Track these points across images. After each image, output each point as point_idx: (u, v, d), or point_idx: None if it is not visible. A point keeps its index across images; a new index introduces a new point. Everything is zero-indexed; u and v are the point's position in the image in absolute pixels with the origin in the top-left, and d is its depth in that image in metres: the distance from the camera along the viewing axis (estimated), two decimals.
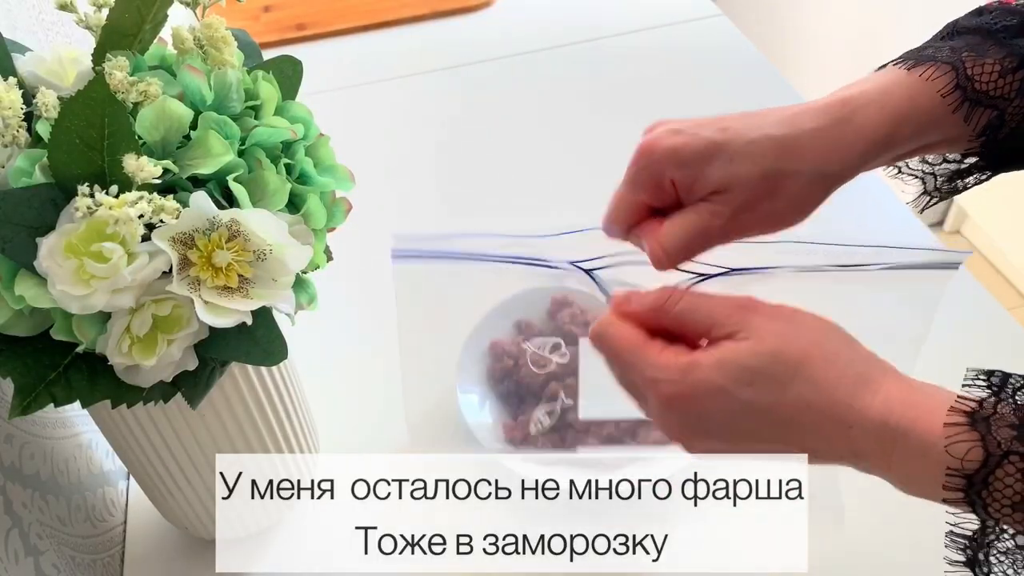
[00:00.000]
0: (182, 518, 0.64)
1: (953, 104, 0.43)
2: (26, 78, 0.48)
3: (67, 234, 0.42)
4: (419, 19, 1.30)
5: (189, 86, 0.48)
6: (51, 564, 0.58)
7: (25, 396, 0.44)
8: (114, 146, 0.42)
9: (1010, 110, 0.43)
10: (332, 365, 0.80)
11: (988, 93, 0.43)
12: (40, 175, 0.43)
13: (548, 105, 1.09)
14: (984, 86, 0.43)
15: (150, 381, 0.45)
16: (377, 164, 1.00)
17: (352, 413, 0.77)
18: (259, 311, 0.46)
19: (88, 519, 0.65)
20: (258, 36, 1.22)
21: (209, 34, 0.49)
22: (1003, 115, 0.43)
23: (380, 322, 0.85)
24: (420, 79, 1.19)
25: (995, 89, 0.43)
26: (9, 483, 0.55)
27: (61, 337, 0.44)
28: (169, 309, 0.45)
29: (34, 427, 0.60)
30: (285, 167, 0.50)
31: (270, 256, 0.45)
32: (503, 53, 1.22)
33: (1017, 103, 0.43)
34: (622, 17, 1.26)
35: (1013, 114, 0.43)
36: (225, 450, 0.58)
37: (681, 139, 0.44)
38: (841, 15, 2.02)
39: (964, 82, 0.43)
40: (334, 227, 0.54)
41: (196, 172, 0.46)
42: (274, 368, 0.58)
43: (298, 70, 0.55)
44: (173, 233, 0.43)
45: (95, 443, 0.71)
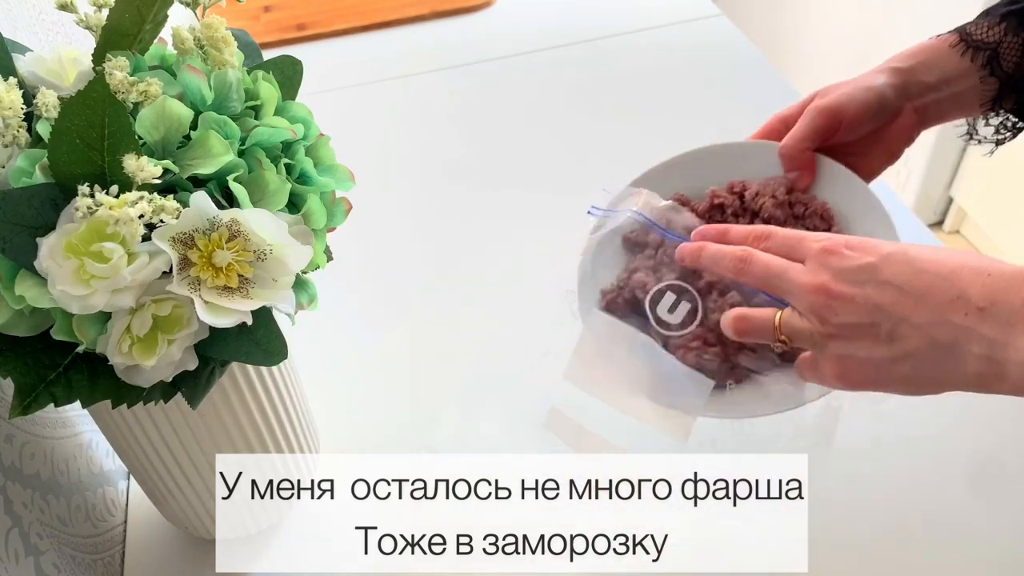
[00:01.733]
0: (182, 518, 0.64)
1: (960, 49, 0.60)
2: (26, 78, 0.48)
3: (67, 234, 0.42)
4: (419, 19, 1.30)
5: (189, 86, 0.48)
6: (51, 564, 0.58)
7: (26, 396, 0.44)
8: (114, 146, 0.42)
9: (1003, 48, 0.59)
10: (332, 365, 0.80)
11: (984, 39, 0.60)
12: (40, 175, 0.43)
13: (548, 105, 1.09)
14: (979, 36, 0.60)
15: (150, 381, 0.45)
16: (377, 164, 1.00)
17: (352, 413, 0.77)
18: (259, 311, 0.46)
19: (88, 519, 0.65)
20: (258, 36, 1.22)
21: (209, 34, 0.49)
22: (997, 51, 0.59)
23: (380, 322, 0.85)
24: (420, 79, 1.19)
25: (988, 36, 0.60)
26: (9, 483, 0.55)
27: (61, 337, 0.44)
28: (169, 309, 0.45)
29: (34, 427, 0.60)
30: (285, 167, 0.50)
31: (270, 256, 0.45)
32: (503, 53, 1.22)
33: (1007, 41, 0.59)
34: (622, 17, 1.26)
35: (1007, 50, 0.59)
36: (225, 450, 0.58)
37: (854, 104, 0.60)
38: (841, 15, 2.02)
39: (965, 36, 0.60)
40: (334, 227, 0.54)
41: (196, 172, 0.46)
42: (274, 368, 0.58)
43: (298, 70, 0.56)
44: (173, 233, 0.43)
45: (95, 443, 0.71)
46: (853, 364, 0.46)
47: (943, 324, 0.43)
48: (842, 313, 0.45)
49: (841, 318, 0.46)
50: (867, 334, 0.45)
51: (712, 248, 0.53)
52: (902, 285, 0.44)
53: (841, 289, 0.45)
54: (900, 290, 0.44)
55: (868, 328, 0.45)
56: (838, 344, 0.46)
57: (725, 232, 0.54)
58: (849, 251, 0.46)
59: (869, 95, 0.60)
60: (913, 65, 0.61)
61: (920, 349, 0.44)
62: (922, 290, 0.43)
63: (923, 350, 0.44)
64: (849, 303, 0.45)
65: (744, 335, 0.51)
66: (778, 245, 0.50)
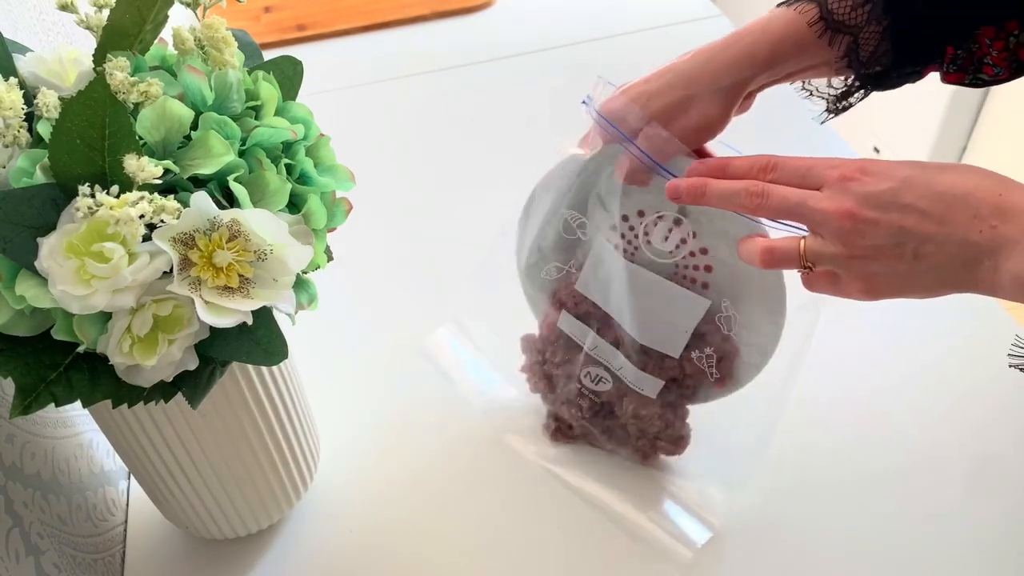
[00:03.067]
0: (183, 518, 0.64)
1: (818, 31, 0.55)
2: (27, 78, 0.48)
3: (68, 234, 0.42)
4: (419, 19, 1.30)
5: (190, 86, 0.48)
6: (52, 563, 0.58)
7: (26, 396, 0.44)
8: (115, 146, 0.42)
9: (863, 36, 0.55)
10: (332, 365, 0.80)
11: (844, 22, 0.54)
12: (41, 175, 0.44)
13: (548, 105, 1.09)
14: (841, 17, 0.54)
15: (151, 381, 0.46)
16: (377, 164, 1.00)
17: (352, 413, 0.77)
18: (259, 311, 0.46)
19: (89, 518, 0.65)
20: (259, 37, 1.22)
21: (210, 35, 0.49)
22: (858, 40, 0.55)
23: (380, 322, 0.85)
24: (420, 79, 1.19)
25: (850, 19, 0.54)
26: (10, 482, 0.55)
27: (62, 337, 0.44)
28: (170, 309, 0.45)
29: (35, 427, 0.60)
30: (286, 167, 0.50)
31: (270, 256, 0.45)
32: (503, 53, 1.22)
33: (868, 29, 0.54)
34: (622, 17, 1.26)
35: (867, 39, 0.55)
36: (225, 450, 0.58)
37: (618, 100, 0.59)
38: None
39: (826, 14, 0.54)
40: (334, 227, 0.54)
41: (197, 172, 0.46)
42: (274, 368, 0.59)
43: (298, 70, 0.56)
44: (174, 233, 0.43)
45: (96, 443, 0.71)
46: (879, 279, 0.49)
47: (963, 241, 0.45)
48: (869, 236, 0.47)
49: (868, 240, 0.47)
50: (892, 254, 0.47)
51: (719, 185, 0.53)
52: (925, 208, 0.46)
53: (866, 214, 0.47)
54: (923, 213, 0.46)
55: (893, 248, 0.47)
56: (863, 263, 0.48)
57: (725, 166, 0.54)
58: (866, 176, 0.47)
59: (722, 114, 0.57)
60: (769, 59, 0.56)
61: (942, 263, 0.46)
62: (943, 212, 0.46)
63: (944, 263, 0.46)
64: (875, 226, 0.47)
65: (772, 265, 0.53)
66: (788, 175, 0.51)
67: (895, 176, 0.47)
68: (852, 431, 0.73)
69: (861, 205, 0.47)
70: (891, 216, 0.46)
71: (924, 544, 0.66)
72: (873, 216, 0.47)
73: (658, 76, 0.58)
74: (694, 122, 0.57)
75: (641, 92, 0.58)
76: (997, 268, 0.44)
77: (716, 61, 0.56)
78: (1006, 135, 1.75)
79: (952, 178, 0.46)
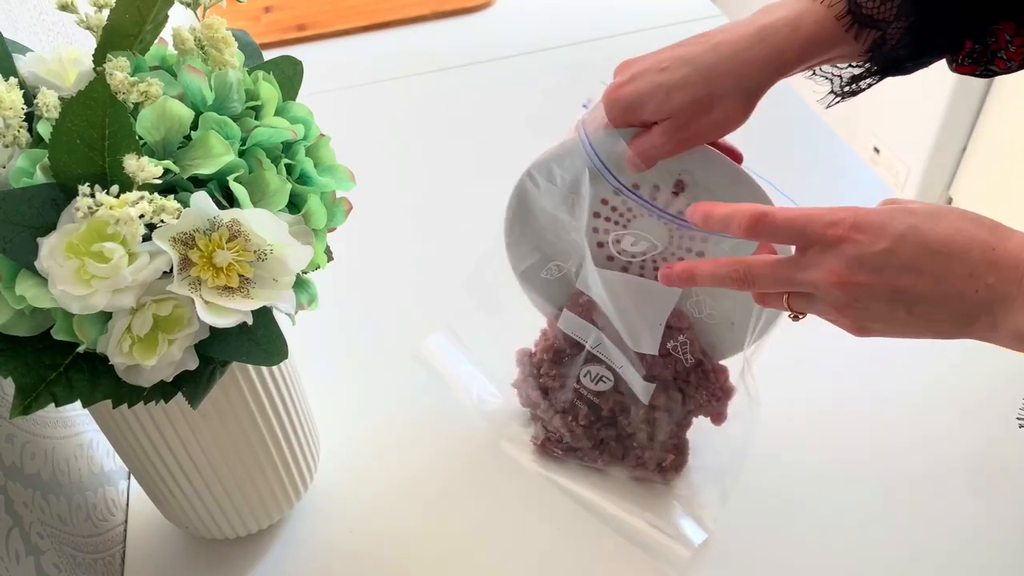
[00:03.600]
0: (183, 518, 0.64)
1: (846, 24, 0.53)
2: (27, 78, 0.48)
3: (68, 234, 0.42)
4: (420, 19, 1.30)
5: (190, 86, 0.48)
6: (52, 563, 0.58)
7: (26, 396, 0.44)
8: (115, 146, 0.42)
9: (890, 31, 0.54)
10: (332, 365, 0.80)
11: (872, 17, 0.53)
12: (41, 175, 0.44)
13: (548, 105, 1.09)
14: (869, 11, 0.53)
15: (151, 381, 0.46)
16: (377, 164, 1.00)
17: (352, 413, 0.77)
18: (259, 311, 0.46)
19: (89, 518, 0.65)
20: (259, 37, 1.22)
21: (210, 35, 0.49)
22: (885, 35, 0.54)
23: (380, 322, 0.85)
24: (420, 79, 1.19)
25: (878, 13, 0.53)
26: (10, 482, 0.55)
27: (62, 337, 0.44)
28: (170, 309, 0.45)
29: (35, 427, 0.60)
30: (286, 167, 0.50)
31: (271, 256, 0.45)
32: (503, 53, 1.22)
33: (895, 25, 0.53)
34: (622, 18, 1.26)
35: (893, 33, 0.54)
36: (226, 449, 0.58)
37: (632, 87, 0.55)
38: None
39: (855, 7, 0.53)
40: (334, 227, 0.54)
41: (197, 172, 0.46)
42: (274, 368, 0.59)
43: (298, 70, 0.56)
44: (174, 233, 0.43)
45: (96, 443, 0.71)
46: (875, 326, 0.48)
47: (959, 299, 0.45)
48: (863, 299, 0.47)
49: (861, 303, 0.47)
50: (886, 311, 0.47)
51: (705, 267, 0.52)
52: (919, 267, 0.45)
53: (860, 279, 0.46)
54: (918, 272, 0.45)
55: (887, 305, 0.46)
56: (858, 313, 0.48)
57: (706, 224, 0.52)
58: (859, 235, 0.46)
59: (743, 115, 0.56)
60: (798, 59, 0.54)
61: (939, 318, 0.46)
62: (939, 271, 0.45)
63: (942, 319, 0.46)
64: (869, 289, 0.46)
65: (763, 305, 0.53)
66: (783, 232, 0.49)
67: (889, 234, 0.45)
68: (850, 431, 0.73)
69: (854, 270, 0.46)
70: (885, 278, 0.45)
71: (924, 544, 0.66)
72: (867, 280, 0.46)
73: (675, 65, 0.55)
74: (716, 120, 0.55)
75: (659, 84, 0.54)
76: (996, 324, 0.44)
77: (741, 58, 0.54)
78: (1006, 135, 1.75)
79: (946, 232, 0.45)
